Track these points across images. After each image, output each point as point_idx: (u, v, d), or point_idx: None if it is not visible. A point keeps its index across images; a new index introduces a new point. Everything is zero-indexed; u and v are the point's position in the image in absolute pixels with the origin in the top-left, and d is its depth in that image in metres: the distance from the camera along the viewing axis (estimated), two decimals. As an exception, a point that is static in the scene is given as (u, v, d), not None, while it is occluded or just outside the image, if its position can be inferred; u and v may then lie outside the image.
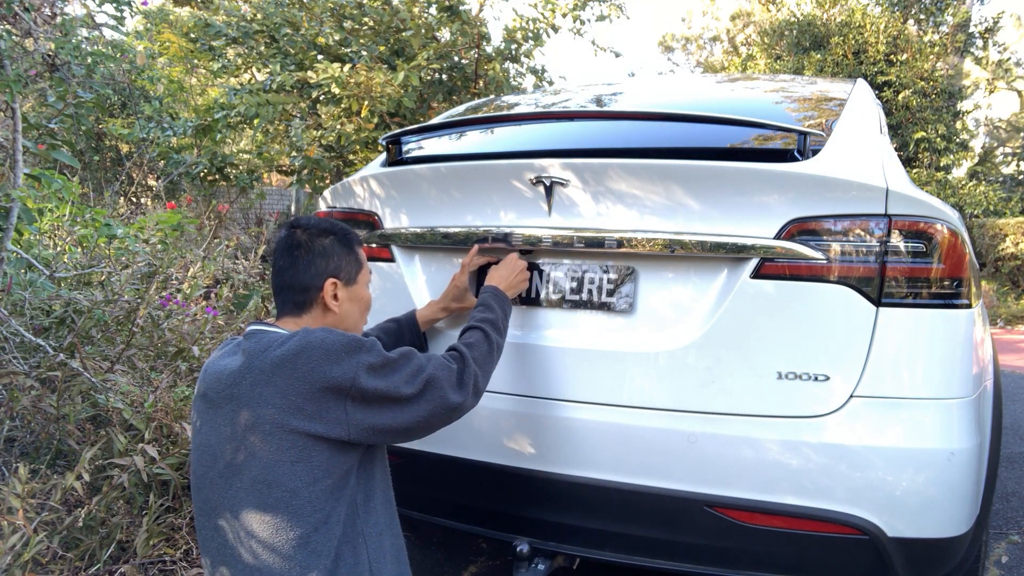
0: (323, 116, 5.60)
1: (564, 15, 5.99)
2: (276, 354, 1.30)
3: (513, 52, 6.07)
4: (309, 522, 1.28)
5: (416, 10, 5.47)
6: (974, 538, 1.55)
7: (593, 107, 2.33)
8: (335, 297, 1.47)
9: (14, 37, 2.54)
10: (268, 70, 5.69)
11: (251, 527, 1.28)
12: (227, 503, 1.30)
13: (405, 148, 2.15)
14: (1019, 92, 17.18)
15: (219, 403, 1.34)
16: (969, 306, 1.52)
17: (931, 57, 11.72)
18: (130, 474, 2.08)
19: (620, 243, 1.62)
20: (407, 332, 1.81)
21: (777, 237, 1.52)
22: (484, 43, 5.92)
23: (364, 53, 5.43)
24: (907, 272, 1.48)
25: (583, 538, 1.71)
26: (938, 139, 11.52)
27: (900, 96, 11.35)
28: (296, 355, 1.29)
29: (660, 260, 1.65)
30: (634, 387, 1.61)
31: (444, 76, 6.02)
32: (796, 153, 1.60)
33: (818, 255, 1.49)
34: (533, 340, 1.74)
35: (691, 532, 1.59)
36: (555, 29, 6.06)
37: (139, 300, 2.80)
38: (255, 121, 5.38)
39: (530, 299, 1.77)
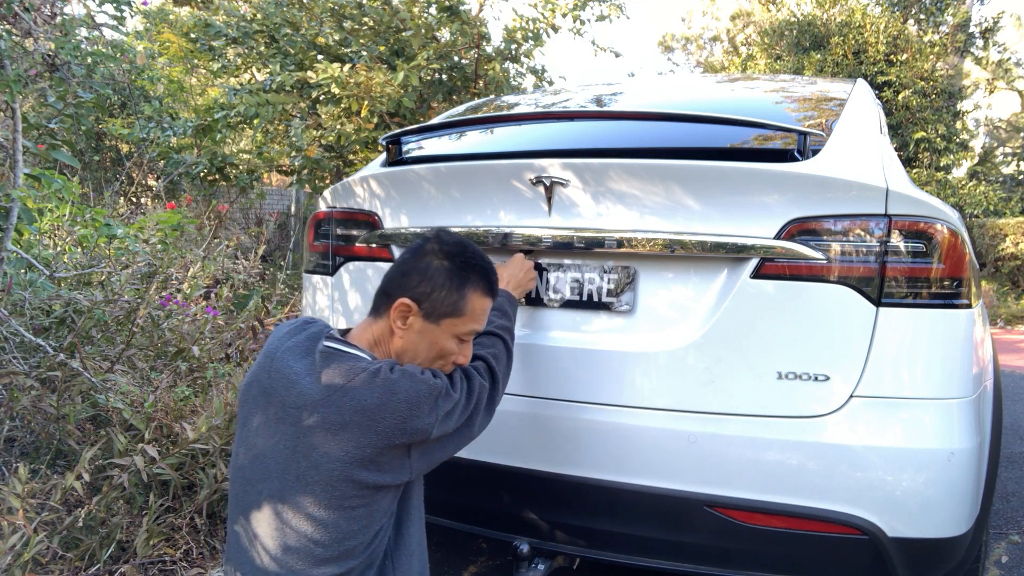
0: (323, 116, 5.59)
1: (564, 15, 5.98)
2: (359, 399, 1.22)
3: (513, 52, 6.06)
4: (359, 559, 1.26)
5: (416, 10, 5.47)
6: (974, 538, 1.55)
7: (593, 107, 2.33)
8: (404, 320, 1.34)
9: (14, 37, 2.54)
10: (268, 70, 5.69)
11: (292, 558, 1.24)
12: (273, 523, 1.26)
13: (405, 148, 2.15)
14: (1019, 92, 17.17)
15: (281, 416, 1.26)
16: (969, 306, 1.52)
17: (931, 57, 11.72)
18: (130, 474, 2.08)
19: (620, 243, 1.62)
20: None
21: (777, 237, 1.52)
22: (484, 43, 5.92)
23: (364, 53, 5.43)
24: (907, 272, 1.48)
25: (583, 538, 1.71)
26: (938, 139, 11.52)
27: (900, 96, 11.35)
28: (380, 408, 1.21)
29: (660, 260, 1.65)
30: (634, 387, 1.61)
31: (444, 76, 6.01)
32: (796, 153, 1.60)
33: (818, 255, 1.49)
34: (533, 340, 1.74)
35: (691, 532, 1.59)
36: (555, 29, 6.06)
37: (139, 300, 2.80)
38: (255, 121, 5.38)
39: (530, 299, 1.77)
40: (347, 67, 5.03)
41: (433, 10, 5.66)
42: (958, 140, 12.11)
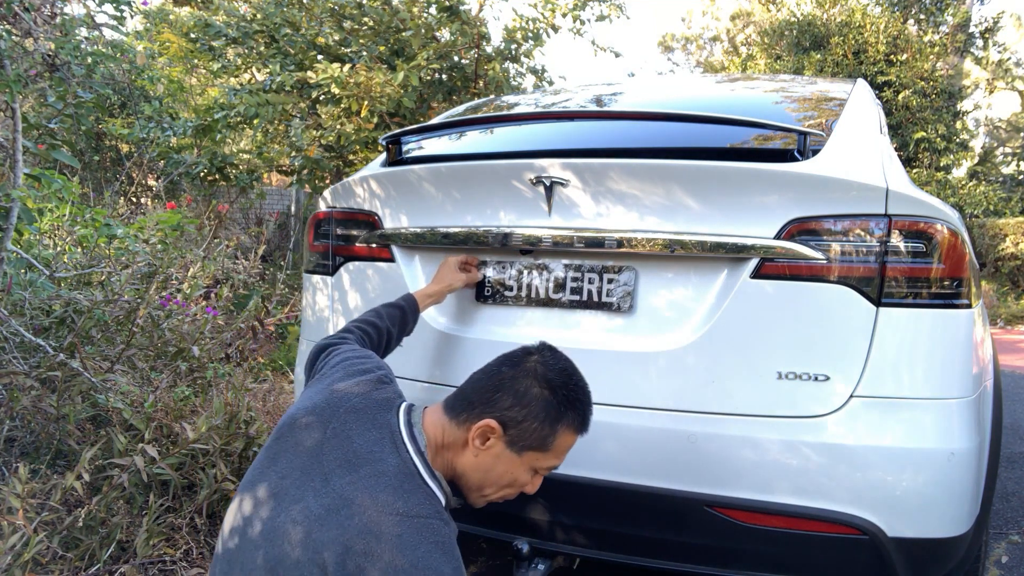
0: (323, 116, 5.59)
1: (564, 15, 5.98)
2: (393, 550, 1.07)
3: (513, 52, 6.06)
4: None
5: (416, 10, 5.47)
6: (974, 538, 1.55)
7: (593, 107, 2.33)
8: (484, 441, 1.23)
9: (14, 37, 2.54)
10: (268, 70, 5.69)
11: None
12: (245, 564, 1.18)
13: (405, 148, 2.15)
14: (1019, 92, 17.18)
15: (319, 487, 1.12)
16: (969, 306, 1.52)
17: (931, 57, 11.73)
18: (130, 474, 2.08)
19: (620, 243, 1.62)
20: (410, 318, 1.78)
21: (777, 237, 1.51)
22: (484, 43, 5.92)
23: (364, 53, 5.43)
24: (907, 272, 1.48)
25: (583, 538, 1.71)
26: (938, 139, 11.53)
27: (900, 96, 11.35)
28: (391, 567, 1.06)
29: (660, 260, 1.65)
30: (634, 387, 1.61)
31: (444, 76, 6.01)
32: (796, 153, 1.60)
33: (818, 255, 1.49)
34: (533, 340, 1.74)
35: (691, 532, 1.59)
36: (555, 29, 6.06)
37: (139, 300, 2.80)
38: (255, 121, 5.38)
39: (530, 299, 1.77)
40: (347, 67, 5.03)
41: (433, 10, 5.66)
42: (958, 140, 12.12)
